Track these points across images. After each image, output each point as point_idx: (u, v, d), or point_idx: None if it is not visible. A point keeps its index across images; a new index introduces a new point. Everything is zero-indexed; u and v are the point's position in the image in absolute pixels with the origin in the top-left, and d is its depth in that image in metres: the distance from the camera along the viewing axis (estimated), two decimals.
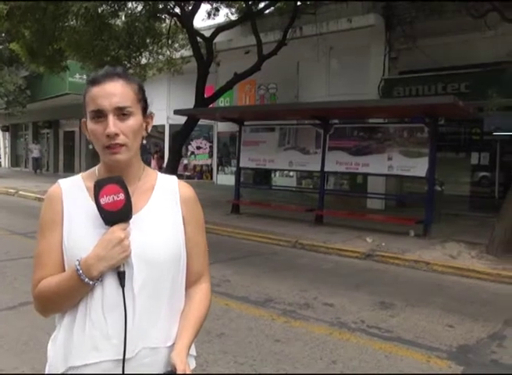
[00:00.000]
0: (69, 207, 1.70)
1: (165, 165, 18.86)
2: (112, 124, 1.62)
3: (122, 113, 1.65)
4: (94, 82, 1.68)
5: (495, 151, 15.20)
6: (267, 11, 17.23)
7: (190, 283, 1.83)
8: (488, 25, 11.20)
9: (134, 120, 1.68)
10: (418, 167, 11.08)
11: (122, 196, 1.60)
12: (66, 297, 1.63)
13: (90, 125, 1.67)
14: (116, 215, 1.60)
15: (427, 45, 14.05)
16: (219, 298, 6.69)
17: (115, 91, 1.65)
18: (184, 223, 1.79)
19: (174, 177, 1.89)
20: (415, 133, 11.35)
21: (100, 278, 1.60)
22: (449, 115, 12.59)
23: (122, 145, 1.64)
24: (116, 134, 1.62)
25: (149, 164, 24.37)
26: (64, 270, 1.66)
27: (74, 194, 1.73)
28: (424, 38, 14.17)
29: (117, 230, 1.59)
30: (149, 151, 25.27)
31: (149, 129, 1.79)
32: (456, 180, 15.74)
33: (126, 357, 1.60)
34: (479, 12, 10.39)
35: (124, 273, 1.61)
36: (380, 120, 13.86)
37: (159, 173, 1.88)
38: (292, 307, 6.51)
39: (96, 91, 1.66)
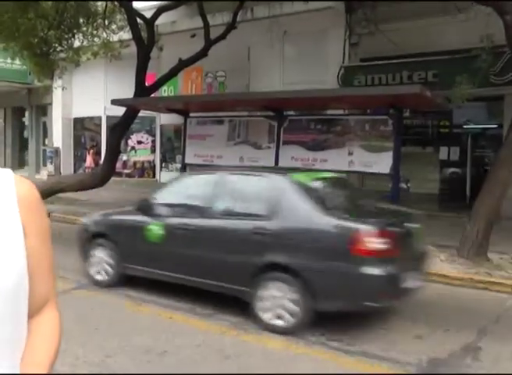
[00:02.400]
0: None
1: (101, 161, 18.47)
2: None
3: None
4: None
5: (466, 145, 15.34)
6: None
7: (33, 311, 1.47)
8: (459, 7, 11.20)
9: None
10: (381, 163, 11.07)
11: None
12: None
13: None
14: None
15: (391, 30, 13.99)
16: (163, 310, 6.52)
17: None
18: (25, 233, 1.41)
19: (8, 171, 1.48)
20: (378, 126, 11.36)
21: None
22: (416, 106, 12.66)
23: None
24: None
25: (84, 160, 23.94)
26: None
27: None
28: (388, 22, 14.13)
29: None
30: (84, 146, 24.77)
31: None
32: (424, 176, 15.83)
33: None
34: None
35: None
36: (339, 112, 13.82)
37: None
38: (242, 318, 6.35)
39: None
